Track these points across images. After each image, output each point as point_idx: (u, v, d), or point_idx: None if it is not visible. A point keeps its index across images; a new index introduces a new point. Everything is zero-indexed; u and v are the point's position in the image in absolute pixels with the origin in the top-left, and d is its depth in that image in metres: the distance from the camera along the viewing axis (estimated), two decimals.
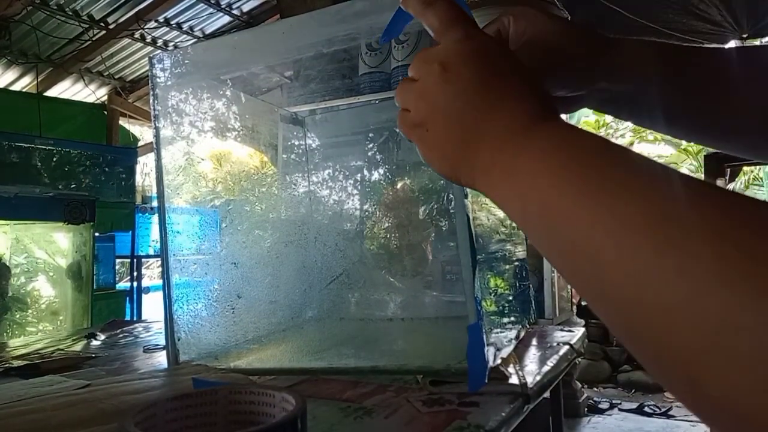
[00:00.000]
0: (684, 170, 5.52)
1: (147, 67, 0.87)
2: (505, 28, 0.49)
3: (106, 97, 4.94)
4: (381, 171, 1.15)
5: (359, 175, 1.15)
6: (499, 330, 0.84)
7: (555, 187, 0.30)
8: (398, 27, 0.53)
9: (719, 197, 0.25)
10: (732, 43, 3.74)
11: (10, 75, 4.42)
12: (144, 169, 4.91)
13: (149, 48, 4.55)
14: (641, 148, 5.92)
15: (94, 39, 4.24)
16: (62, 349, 1.03)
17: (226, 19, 4.55)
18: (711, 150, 2.40)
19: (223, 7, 4.39)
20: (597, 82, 0.49)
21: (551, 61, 0.47)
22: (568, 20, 0.50)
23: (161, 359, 0.91)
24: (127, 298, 3.41)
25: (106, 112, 4.61)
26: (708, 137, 0.53)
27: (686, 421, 2.95)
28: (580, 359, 2.92)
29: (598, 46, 0.48)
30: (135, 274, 3.74)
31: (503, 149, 0.35)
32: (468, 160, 0.37)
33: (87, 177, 2.83)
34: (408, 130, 0.42)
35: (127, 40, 4.39)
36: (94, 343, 1.12)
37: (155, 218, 3.85)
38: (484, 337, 0.61)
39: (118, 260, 3.53)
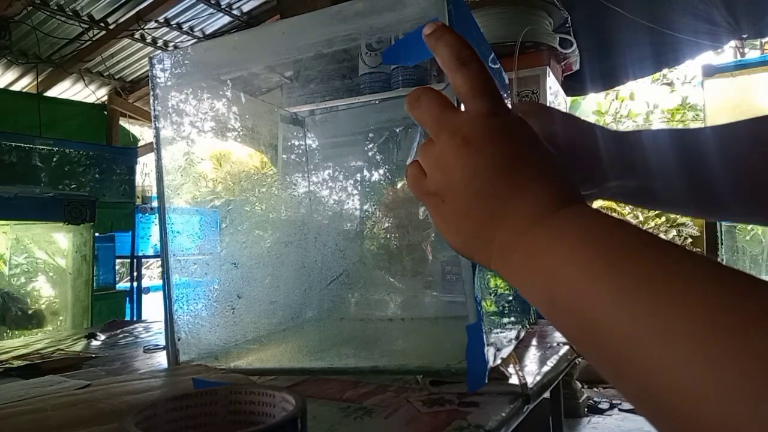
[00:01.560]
0: None
1: (147, 68, 0.87)
2: None
3: (106, 97, 4.94)
4: (381, 171, 1.15)
5: (359, 175, 1.15)
6: (499, 330, 0.84)
7: (586, 280, 0.29)
8: (410, 56, 0.50)
9: None
10: (732, 43, 3.74)
11: (10, 75, 4.42)
12: (144, 169, 4.91)
13: (149, 48, 4.55)
14: None
15: (94, 39, 4.24)
16: (62, 349, 1.03)
17: (226, 19, 4.56)
18: None
19: (223, 7, 4.39)
20: (609, 180, 0.49)
21: (563, 158, 0.46)
22: (577, 117, 0.50)
23: (161, 359, 0.91)
24: (127, 298, 3.41)
25: (106, 112, 4.61)
26: (728, 214, 0.54)
27: None
28: (580, 359, 2.93)
29: (608, 143, 0.48)
30: (135, 274, 3.74)
31: (525, 233, 0.34)
32: (485, 240, 0.36)
33: (87, 177, 2.83)
34: (421, 196, 0.40)
35: (127, 41, 4.39)
36: (94, 343, 1.12)
37: (155, 218, 3.85)
38: (484, 337, 0.61)
39: (118, 260, 3.53)
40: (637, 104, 6.39)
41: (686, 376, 0.23)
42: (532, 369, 0.76)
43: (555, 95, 2.00)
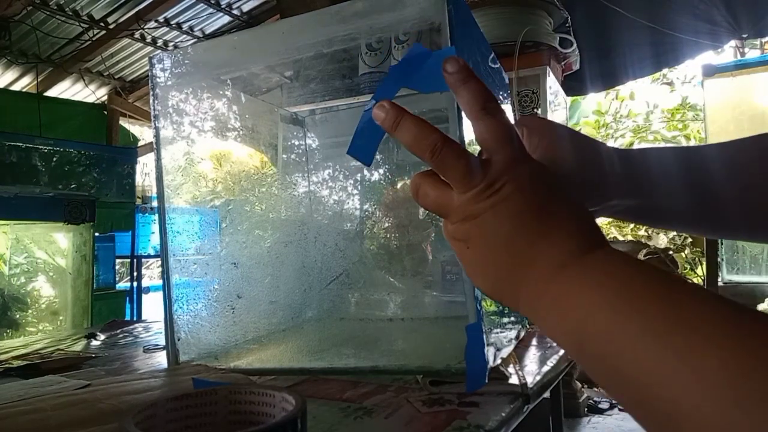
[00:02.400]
0: None
1: (147, 67, 0.87)
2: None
3: (106, 97, 4.93)
4: (381, 171, 1.15)
5: (359, 175, 1.15)
6: (499, 330, 0.84)
7: (615, 328, 0.30)
8: (424, 83, 0.48)
9: None
10: (732, 43, 3.74)
11: (10, 75, 4.42)
12: (144, 169, 4.91)
13: (149, 48, 4.55)
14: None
15: (94, 39, 4.24)
16: (62, 349, 1.03)
17: (226, 19, 4.55)
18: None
19: (223, 7, 4.39)
20: (613, 198, 0.49)
21: (563, 175, 0.47)
22: (581, 134, 0.50)
23: (161, 359, 0.91)
24: (127, 298, 3.41)
25: (106, 112, 4.61)
26: (732, 233, 0.54)
27: None
28: None
29: (613, 161, 0.48)
30: (135, 274, 3.74)
31: (553, 280, 0.35)
32: (513, 285, 0.37)
33: (87, 177, 2.83)
34: (450, 241, 0.41)
35: (127, 40, 4.39)
36: (94, 343, 1.12)
37: (155, 218, 3.85)
38: (484, 337, 0.61)
39: (118, 260, 3.53)
40: (637, 104, 6.39)
41: (717, 416, 0.24)
42: (532, 369, 0.76)
43: (555, 95, 2.00)
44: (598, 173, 0.48)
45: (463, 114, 0.63)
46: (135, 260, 3.71)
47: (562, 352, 0.88)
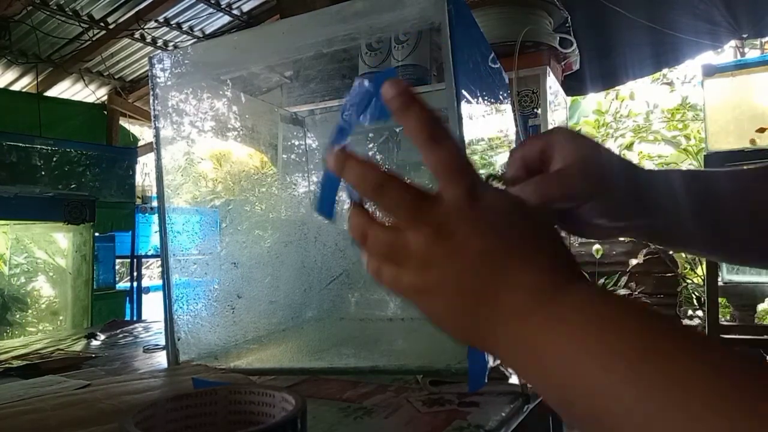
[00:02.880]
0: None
1: (147, 67, 0.87)
2: (551, 148, 0.46)
3: (106, 97, 4.93)
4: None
5: None
6: None
7: (605, 383, 0.27)
8: (370, 113, 0.45)
9: None
10: (732, 43, 3.74)
11: (10, 75, 4.42)
12: (144, 169, 4.90)
13: (149, 48, 4.54)
14: (641, 148, 5.92)
15: (94, 39, 4.24)
16: (62, 349, 1.03)
17: (226, 19, 4.55)
18: (711, 150, 2.40)
19: (223, 7, 4.39)
20: (637, 217, 0.48)
21: (597, 188, 0.45)
22: (608, 149, 0.48)
23: (161, 359, 0.91)
24: (127, 298, 3.41)
25: (106, 112, 4.61)
26: (743, 259, 0.54)
27: None
28: None
29: (639, 181, 0.48)
30: (135, 274, 3.74)
31: (526, 322, 0.32)
32: (487, 329, 0.34)
33: (87, 177, 2.83)
34: (405, 293, 0.37)
35: (127, 40, 4.39)
36: (94, 343, 1.12)
37: (155, 218, 3.85)
38: None
39: (118, 260, 3.53)
40: (637, 104, 6.39)
41: None
42: None
43: (555, 95, 2.00)
44: (626, 190, 0.47)
45: (464, 113, 0.63)
46: (135, 260, 3.71)
47: None
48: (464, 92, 0.65)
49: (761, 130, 2.27)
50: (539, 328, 0.31)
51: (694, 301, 4.08)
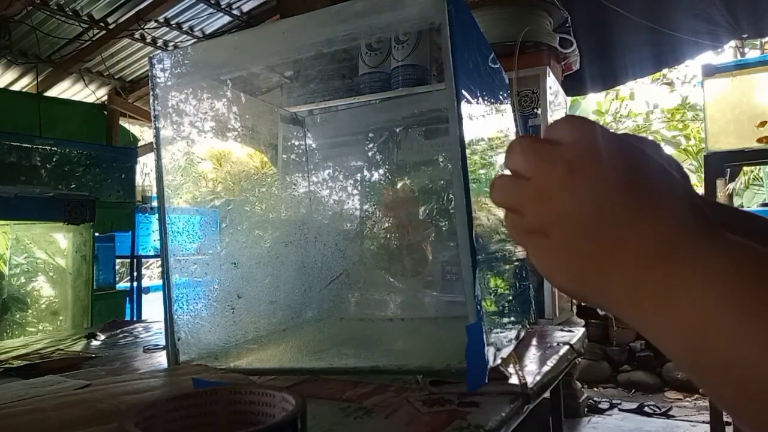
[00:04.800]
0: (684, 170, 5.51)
1: (147, 67, 0.87)
2: None
3: (106, 97, 4.93)
4: (381, 171, 1.15)
5: (359, 175, 1.15)
6: (499, 330, 0.84)
7: (751, 331, 0.25)
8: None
9: None
10: (732, 43, 3.74)
11: (10, 75, 4.42)
12: (144, 169, 4.90)
13: (149, 48, 4.54)
14: None
15: (94, 39, 4.24)
16: (62, 349, 1.03)
17: (226, 19, 4.55)
18: (711, 150, 2.40)
19: (223, 7, 4.38)
20: None
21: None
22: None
23: (161, 359, 0.91)
24: (127, 298, 3.41)
25: (106, 112, 4.61)
26: None
27: (686, 421, 2.95)
28: (580, 359, 2.93)
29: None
30: (135, 274, 3.74)
31: (654, 265, 0.29)
32: (603, 274, 0.31)
33: (87, 177, 2.83)
34: (520, 236, 0.35)
35: (127, 40, 4.39)
36: (94, 343, 1.12)
37: (155, 218, 3.85)
38: (484, 337, 0.61)
39: (118, 260, 3.53)
40: (637, 104, 6.39)
41: None
42: (532, 369, 0.76)
43: (555, 95, 2.00)
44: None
45: (464, 113, 0.63)
46: (135, 260, 3.71)
47: (562, 352, 0.88)
48: (464, 92, 0.65)
49: (762, 124, 2.27)
50: (672, 270, 0.28)
51: None
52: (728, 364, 0.25)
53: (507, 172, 0.36)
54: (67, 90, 4.81)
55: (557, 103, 2.04)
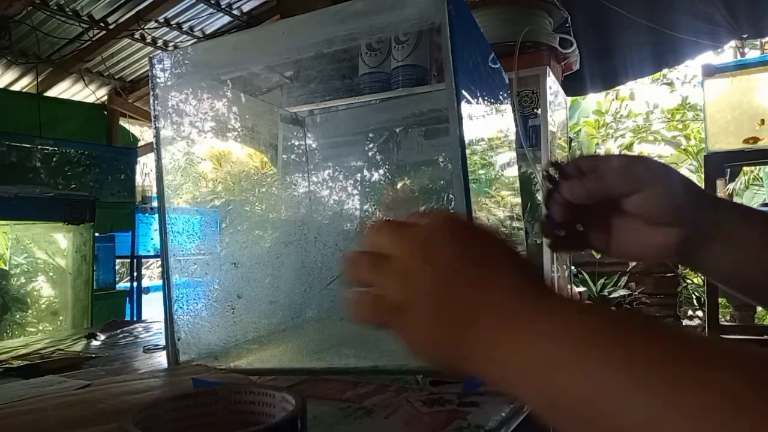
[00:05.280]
0: (684, 170, 5.52)
1: (147, 67, 0.87)
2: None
3: (106, 97, 4.93)
4: (381, 171, 1.15)
5: (359, 175, 1.15)
6: None
7: (592, 376, 0.28)
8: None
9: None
10: (732, 43, 3.74)
11: (10, 75, 4.42)
12: (144, 169, 4.91)
13: (149, 48, 4.54)
14: (641, 148, 5.92)
15: (94, 39, 4.24)
16: (62, 349, 1.03)
17: (226, 19, 4.55)
18: (711, 150, 2.40)
19: (223, 7, 4.38)
20: (682, 225, 0.48)
21: (634, 184, 0.47)
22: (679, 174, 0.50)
23: (161, 359, 0.91)
24: (127, 298, 3.41)
25: (106, 112, 4.61)
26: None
27: None
28: None
29: (701, 208, 0.48)
30: (135, 274, 3.74)
31: (503, 326, 0.33)
32: (463, 342, 0.34)
33: (87, 177, 2.83)
34: (386, 317, 0.37)
35: (127, 40, 4.39)
36: (94, 343, 1.12)
37: (155, 218, 3.85)
38: None
39: (118, 260, 3.53)
40: (637, 104, 6.39)
41: None
42: None
43: (555, 95, 2.00)
44: (677, 192, 0.48)
45: (464, 113, 0.63)
46: (135, 260, 3.71)
47: None
48: (464, 92, 0.65)
49: (762, 123, 2.27)
50: (518, 330, 0.32)
51: (694, 301, 4.08)
52: (574, 403, 0.28)
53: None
54: (67, 90, 4.81)
55: (557, 103, 2.04)
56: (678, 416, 0.24)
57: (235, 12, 4.51)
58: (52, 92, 4.63)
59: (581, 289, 4.02)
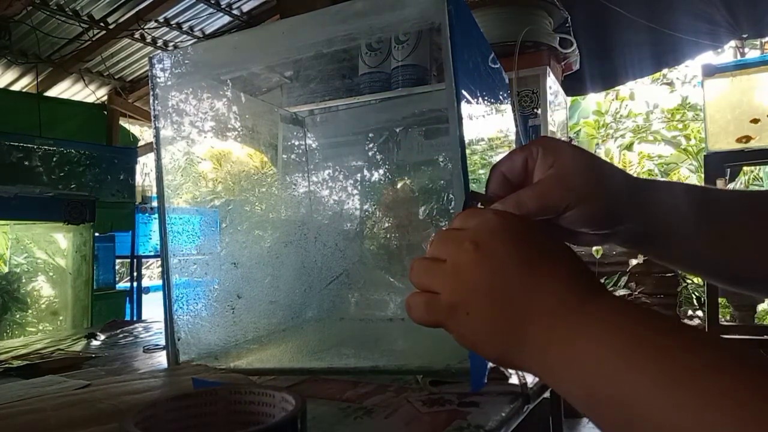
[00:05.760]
0: (684, 170, 5.52)
1: (147, 67, 0.87)
2: (533, 159, 0.48)
3: (106, 97, 4.93)
4: (381, 171, 1.15)
5: (359, 175, 1.15)
6: None
7: (627, 371, 0.29)
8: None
9: None
10: (732, 43, 3.74)
11: (10, 75, 4.42)
12: (144, 169, 4.91)
13: (149, 48, 4.55)
14: (641, 148, 5.92)
15: (94, 39, 4.24)
16: (62, 349, 1.03)
17: (226, 19, 4.55)
18: (711, 150, 2.40)
19: (223, 7, 4.39)
20: (622, 223, 0.48)
21: (577, 197, 0.45)
22: (594, 155, 0.49)
23: (161, 359, 0.91)
24: (127, 298, 3.41)
25: (106, 112, 4.62)
26: (730, 281, 0.52)
27: None
28: None
29: (625, 186, 0.48)
30: (135, 274, 3.74)
31: (557, 326, 0.34)
32: (518, 341, 0.35)
33: (87, 177, 2.83)
34: (441, 316, 0.39)
35: (127, 40, 4.39)
36: (94, 343, 1.12)
37: (155, 218, 3.85)
38: None
39: (118, 260, 3.53)
40: (637, 104, 6.39)
41: None
42: None
43: (555, 95, 2.00)
44: (610, 196, 0.47)
45: (464, 113, 0.63)
46: (135, 260, 3.71)
47: None
48: (464, 92, 0.65)
49: (754, 121, 2.27)
50: (569, 332, 0.33)
51: (694, 301, 4.08)
52: (617, 403, 0.29)
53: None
54: (67, 90, 4.81)
55: (557, 103, 2.04)
56: None
57: (235, 12, 4.51)
58: (52, 92, 4.63)
59: None
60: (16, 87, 4.52)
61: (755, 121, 2.26)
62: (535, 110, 1.88)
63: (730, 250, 0.48)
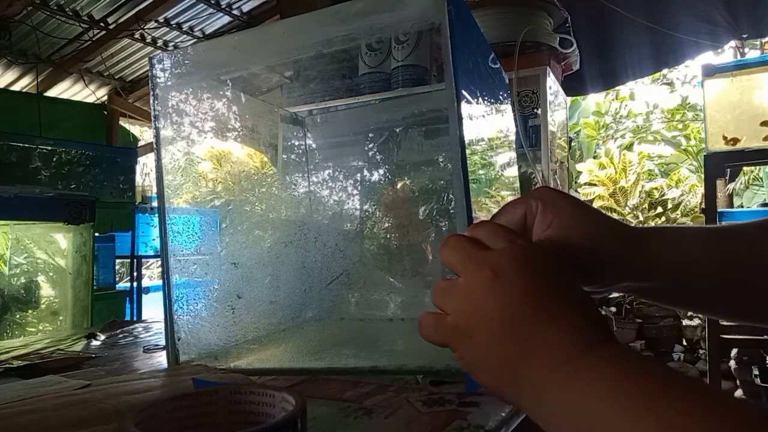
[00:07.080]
0: (684, 170, 5.51)
1: (147, 67, 0.87)
2: (532, 213, 0.46)
3: (106, 97, 4.94)
4: (381, 171, 1.15)
5: (359, 175, 1.15)
6: None
7: (628, 423, 0.29)
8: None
9: None
10: (732, 43, 3.74)
11: (10, 75, 4.42)
12: (144, 169, 4.91)
13: (149, 48, 4.55)
14: (641, 149, 5.92)
15: (94, 39, 4.24)
16: (62, 349, 1.03)
17: (226, 19, 4.55)
18: (711, 150, 2.40)
19: (223, 7, 4.39)
20: (623, 281, 0.48)
21: (576, 257, 0.44)
22: (595, 209, 0.48)
23: (161, 359, 0.91)
24: (127, 298, 3.41)
25: (106, 112, 4.61)
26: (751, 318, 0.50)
27: None
28: None
29: (625, 244, 0.46)
30: (135, 274, 3.74)
31: (558, 370, 0.33)
32: (516, 376, 0.35)
33: (87, 177, 2.83)
34: (446, 335, 0.40)
35: (127, 40, 4.39)
36: (94, 343, 1.12)
37: (155, 218, 3.85)
38: None
39: (118, 260, 3.53)
40: (637, 104, 6.39)
41: None
42: None
43: (555, 95, 2.00)
44: (613, 252, 0.46)
45: (464, 113, 0.63)
46: (135, 260, 3.71)
47: None
48: (464, 92, 0.65)
49: (765, 124, 2.27)
50: (572, 375, 0.32)
51: None
52: None
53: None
54: (67, 90, 4.82)
55: (557, 103, 2.04)
56: None
57: (235, 12, 4.51)
58: (52, 92, 4.63)
59: None
60: (16, 87, 4.52)
61: (766, 123, 2.26)
62: (535, 110, 1.88)
63: (752, 288, 0.46)
